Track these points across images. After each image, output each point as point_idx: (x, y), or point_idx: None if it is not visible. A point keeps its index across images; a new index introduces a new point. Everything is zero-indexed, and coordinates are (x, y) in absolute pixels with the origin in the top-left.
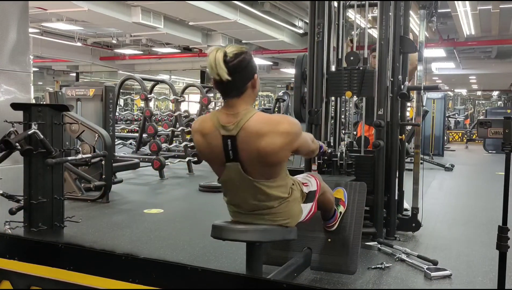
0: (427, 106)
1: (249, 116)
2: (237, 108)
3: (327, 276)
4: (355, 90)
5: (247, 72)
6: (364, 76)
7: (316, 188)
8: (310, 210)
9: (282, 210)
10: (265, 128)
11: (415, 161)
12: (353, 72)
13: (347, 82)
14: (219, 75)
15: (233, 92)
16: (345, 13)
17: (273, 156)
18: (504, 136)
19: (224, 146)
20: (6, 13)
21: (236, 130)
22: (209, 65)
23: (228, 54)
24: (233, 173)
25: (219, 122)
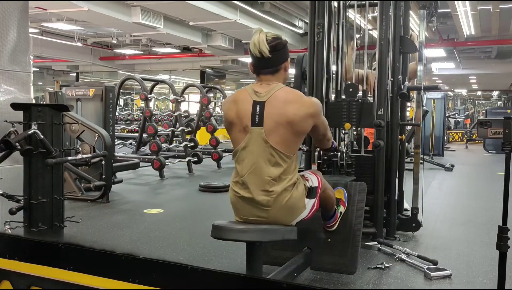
0: (427, 106)
1: (279, 87)
2: (270, 82)
3: (327, 276)
4: (354, 122)
5: (283, 53)
6: (363, 108)
7: (317, 184)
8: (313, 206)
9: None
10: (292, 97)
11: (415, 161)
12: (351, 103)
13: (346, 114)
14: (260, 52)
15: (270, 69)
16: (345, 13)
17: (297, 124)
18: (504, 136)
19: (253, 110)
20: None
21: (267, 97)
22: (252, 43)
23: (268, 36)
24: (255, 137)
25: (253, 91)
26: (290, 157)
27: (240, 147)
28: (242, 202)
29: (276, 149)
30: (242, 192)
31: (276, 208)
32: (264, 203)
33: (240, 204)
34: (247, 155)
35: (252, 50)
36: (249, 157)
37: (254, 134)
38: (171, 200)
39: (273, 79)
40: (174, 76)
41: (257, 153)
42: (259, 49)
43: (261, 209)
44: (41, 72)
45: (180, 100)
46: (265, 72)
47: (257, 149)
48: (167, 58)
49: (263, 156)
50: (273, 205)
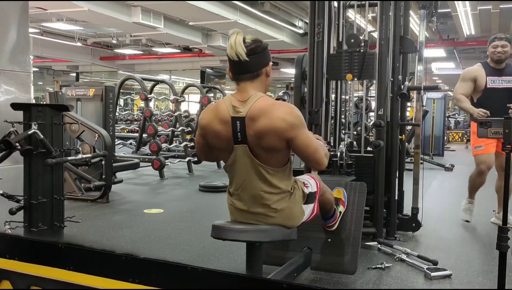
0: (427, 106)
1: (257, 98)
2: (248, 93)
3: (327, 276)
4: (355, 73)
5: (262, 57)
6: (365, 59)
7: (316, 189)
8: (312, 211)
9: (282, 207)
10: (264, 109)
11: (415, 161)
12: (353, 54)
13: (348, 65)
14: (237, 55)
15: (248, 74)
16: (345, 13)
17: (267, 139)
18: (504, 136)
19: (233, 128)
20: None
21: (245, 112)
22: (229, 46)
23: (247, 39)
24: (240, 155)
25: (231, 105)
26: (280, 171)
27: (228, 164)
28: (239, 211)
29: (263, 165)
30: (238, 205)
31: (273, 218)
32: (261, 215)
33: (237, 213)
34: (236, 171)
35: (228, 53)
36: (238, 173)
37: (239, 152)
38: (171, 200)
39: (252, 87)
40: (174, 76)
41: (246, 169)
42: (236, 51)
43: (258, 218)
44: (41, 72)
45: (180, 100)
46: (243, 78)
47: (244, 166)
48: (167, 58)
49: (251, 172)
50: (270, 215)
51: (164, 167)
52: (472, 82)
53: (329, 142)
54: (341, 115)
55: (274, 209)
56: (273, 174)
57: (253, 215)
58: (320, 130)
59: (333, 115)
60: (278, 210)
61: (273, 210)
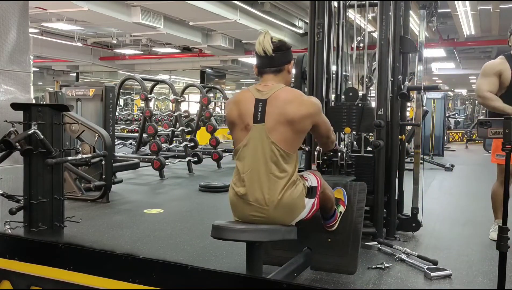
0: (427, 106)
1: (281, 87)
2: (272, 82)
3: (327, 276)
4: (354, 126)
5: (286, 55)
6: (363, 113)
7: (317, 184)
8: (313, 206)
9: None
10: (292, 96)
11: (415, 161)
12: (351, 108)
13: (346, 118)
14: (264, 51)
15: (272, 68)
16: (345, 13)
17: (297, 123)
18: (504, 136)
19: (255, 108)
20: (6, 13)
21: (268, 95)
22: (257, 42)
23: (273, 38)
24: (257, 133)
25: (255, 89)
26: (290, 156)
27: (242, 145)
28: (241, 201)
29: (277, 145)
30: (242, 190)
31: (274, 207)
32: (263, 201)
33: (239, 203)
34: (248, 153)
35: (257, 49)
36: (250, 154)
37: (256, 131)
38: (171, 200)
39: (275, 79)
40: (174, 76)
41: (259, 149)
42: (264, 47)
43: (259, 208)
44: (41, 72)
45: (180, 100)
46: (268, 72)
47: (258, 145)
48: (167, 58)
49: (264, 153)
50: (272, 203)
51: (164, 167)
52: (497, 77)
53: None
54: None
55: (277, 197)
56: (284, 156)
57: (256, 204)
58: None
59: None
60: (280, 198)
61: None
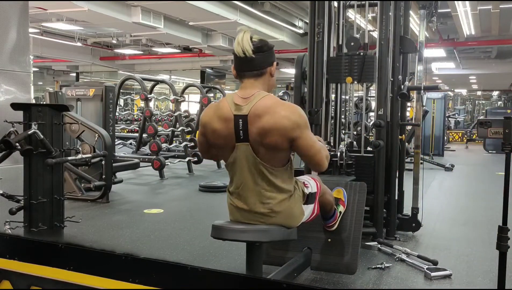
0: (427, 106)
1: (261, 96)
2: (251, 90)
3: (327, 276)
4: (355, 76)
5: (268, 56)
6: (365, 62)
7: (316, 190)
8: (312, 212)
9: (283, 208)
10: (269, 107)
11: (415, 161)
12: (353, 58)
13: (348, 68)
14: (243, 51)
15: (253, 71)
16: (345, 13)
17: (270, 137)
18: (504, 136)
19: (235, 126)
20: (6, 13)
21: (248, 110)
22: (236, 42)
23: (254, 37)
24: (242, 153)
25: (233, 103)
26: (280, 171)
27: (229, 163)
28: (238, 211)
29: (264, 164)
30: (238, 204)
31: (273, 218)
32: (261, 214)
33: (236, 212)
34: (237, 170)
35: (235, 49)
36: (239, 171)
37: (241, 150)
38: (171, 200)
39: (255, 85)
40: (174, 76)
41: (247, 168)
42: (243, 47)
43: (257, 217)
44: (41, 72)
45: (180, 100)
46: (247, 75)
47: (246, 164)
48: (167, 58)
49: (253, 171)
50: (270, 215)
51: (164, 167)
52: None
53: (329, 142)
54: (341, 115)
55: (275, 208)
56: (274, 173)
57: (253, 215)
58: (320, 130)
59: (333, 115)
60: (278, 209)
61: (273, 210)
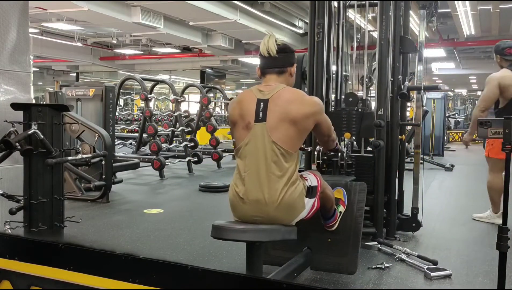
0: (427, 106)
1: (283, 87)
2: (273, 83)
3: (327, 276)
4: (354, 132)
5: (290, 57)
6: (363, 118)
7: (317, 184)
8: (313, 206)
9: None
10: (294, 96)
11: (415, 161)
12: (351, 113)
13: (346, 123)
14: (268, 52)
15: (275, 69)
16: (345, 13)
17: (299, 122)
18: (504, 136)
19: (257, 108)
20: (6, 13)
21: (270, 95)
22: (262, 43)
23: (278, 40)
24: (258, 132)
25: (257, 90)
26: (291, 155)
27: (244, 143)
28: (241, 201)
29: (278, 144)
30: (242, 189)
31: (274, 206)
32: (263, 200)
33: (239, 203)
34: (249, 151)
35: (261, 50)
36: (251, 153)
37: (257, 130)
38: (171, 200)
39: (278, 80)
40: (174, 76)
41: (260, 148)
42: (268, 47)
43: (259, 208)
44: (41, 72)
45: (180, 100)
46: (270, 72)
47: (259, 144)
48: (167, 58)
49: (265, 152)
50: (272, 203)
51: (164, 167)
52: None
53: None
54: None
55: (277, 196)
56: (285, 155)
57: (257, 203)
58: None
59: None
60: (280, 198)
61: (276, 198)
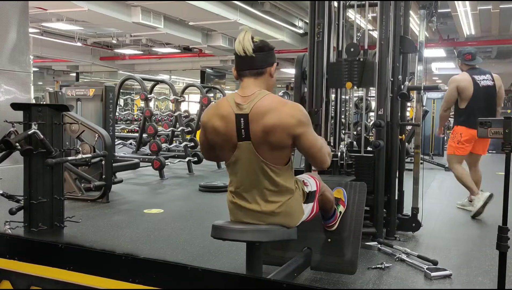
0: (427, 106)
1: (262, 95)
2: (251, 89)
3: (327, 276)
4: (355, 81)
5: (268, 56)
6: (365, 67)
7: (315, 188)
8: (312, 210)
9: (284, 206)
10: (272, 105)
11: (415, 161)
12: (353, 63)
13: (348, 73)
14: (244, 50)
15: (253, 70)
16: (345, 13)
17: (274, 135)
18: (504, 136)
19: (237, 125)
20: (6, 13)
21: (249, 109)
22: (237, 41)
23: (255, 38)
24: (244, 152)
25: (234, 102)
26: (282, 170)
27: (231, 162)
28: (239, 210)
29: (266, 162)
30: (239, 202)
31: (273, 217)
32: (262, 213)
33: (237, 211)
34: (239, 169)
35: (236, 48)
36: (241, 170)
37: (243, 148)
38: (171, 200)
39: (255, 84)
40: (174, 76)
41: (249, 166)
42: (243, 46)
43: (257, 217)
44: (41, 72)
45: (180, 100)
46: (247, 74)
47: (247, 163)
48: (167, 58)
49: (255, 169)
50: (270, 213)
51: (164, 167)
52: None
53: (329, 142)
54: (341, 115)
55: (276, 207)
56: (276, 172)
57: (254, 213)
58: (320, 130)
59: (333, 115)
60: (279, 209)
61: (275, 209)
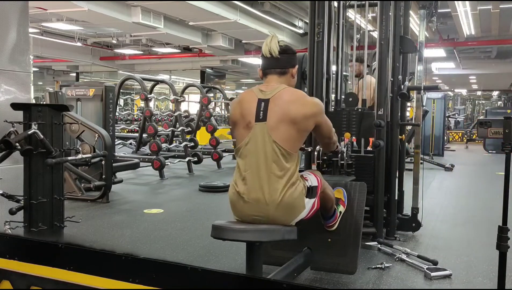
0: (427, 106)
1: (283, 87)
2: (275, 84)
3: (327, 276)
4: (353, 132)
5: (292, 59)
6: (363, 118)
7: (317, 184)
8: (313, 206)
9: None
10: (295, 97)
11: (415, 161)
12: (351, 113)
13: (346, 123)
14: (270, 52)
15: (277, 70)
16: (345, 13)
17: (299, 122)
18: (504, 136)
19: (257, 107)
20: (6, 13)
21: (271, 95)
22: (264, 44)
23: (280, 41)
24: (258, 132)
25: (258, 90)
26: (291, 155)
27: (244, 143)
28: (241, 199)
29: (279, 144)
30: (242, 189)
31: (274, 206)
32: (263, 200)
33: (239, 202)
34: (250, 151)
35: (263, 50)
36: (252, 152)
37: (258, 129)
38: (171, 200)
39: (279, 81)
40: (174, 76)
41: (260, 148)
42: (270, 48)
43: (259, 207)
44: (41, 72)
45: (180, 100)
46: (272, 72)
47: (260, 144)
48: (167, 58)
49: (265, 151)
50: (272, 203)
51: (164, 167)
52: None
53: None
54: None
55: (277, 196)
56: (285, 155)
57: (257, 204)
58: None
59: None
60: (280, 198)
61: (276, 198)
